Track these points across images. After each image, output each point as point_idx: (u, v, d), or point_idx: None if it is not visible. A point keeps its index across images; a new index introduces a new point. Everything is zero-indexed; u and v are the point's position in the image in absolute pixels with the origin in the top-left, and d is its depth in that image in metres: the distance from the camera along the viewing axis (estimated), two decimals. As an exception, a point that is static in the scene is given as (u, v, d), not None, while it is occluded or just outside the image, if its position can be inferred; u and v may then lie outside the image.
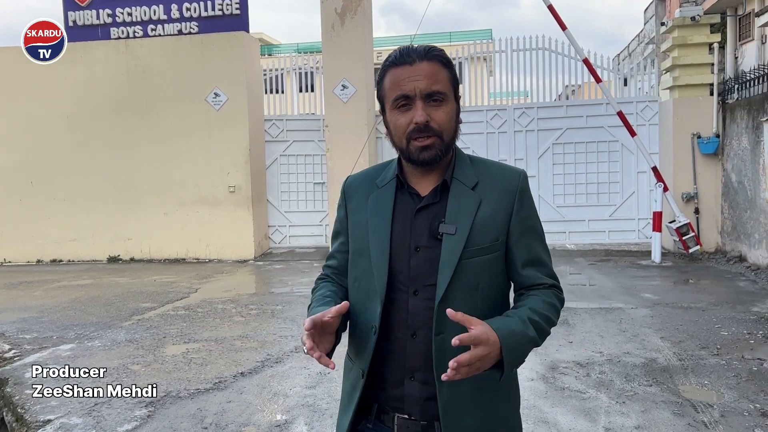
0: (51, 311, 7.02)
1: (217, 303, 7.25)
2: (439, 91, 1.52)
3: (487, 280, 1.54)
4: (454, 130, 1.58)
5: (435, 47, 1.58)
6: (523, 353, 1.47)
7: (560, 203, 10.77)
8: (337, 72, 10.34)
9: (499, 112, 10.86)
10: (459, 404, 1.51)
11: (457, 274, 1.49)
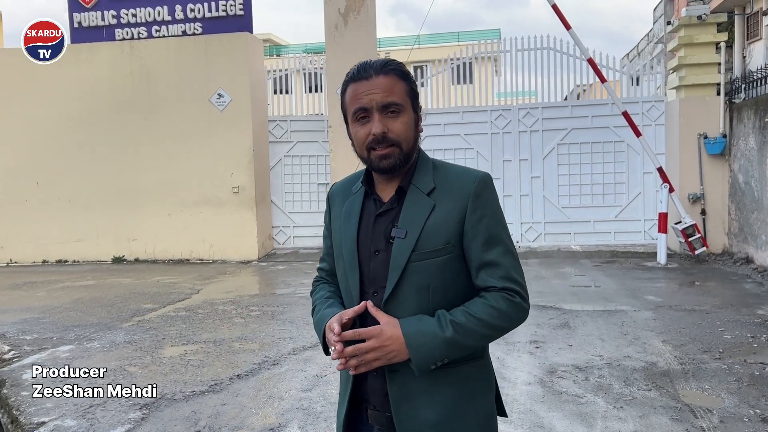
0: (53, 312, 7.04)
1: (218, 304, 7.24)
2: (394, 102, 1.60)
3: (440, 282, 1.58)
4: (413, 138, 1.65)
5: (392, 61, 1.65)
6: (434, 352, 1.51)
7: (565, 204, 10.69)
8: (340, 72, 10.30)
9: (504, 112, 10.80)
10: (411, 397, 1.57)
11: (407, 276, 1.57)
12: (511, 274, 1.59)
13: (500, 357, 4.86)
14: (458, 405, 1.58)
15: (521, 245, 10.77)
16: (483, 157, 10.83)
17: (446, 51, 11.95)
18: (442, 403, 1.57)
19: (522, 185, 10.75)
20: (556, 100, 10.87)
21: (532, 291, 6.30)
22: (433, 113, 11.04)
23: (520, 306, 1.59)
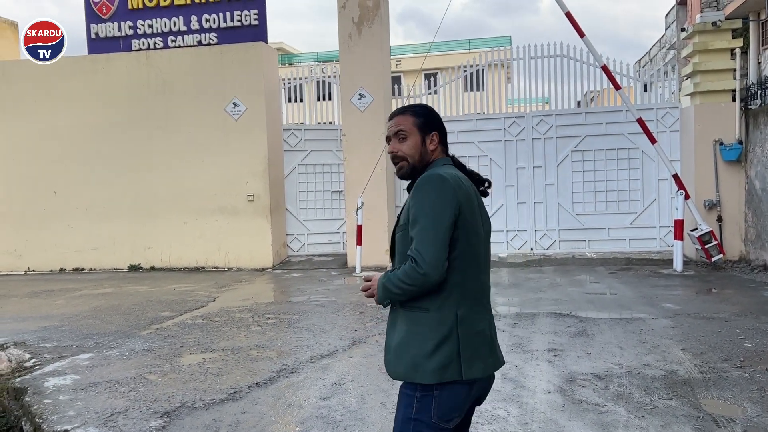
0: (72, 320, 7.11)
1: (235, 312, 7.28)
2: (402, 130, 2.26)
3: (404, 249, 2.14)
4: (419, 153, 2.25)
5: (410, 106, 2.33)
6: (381, 293, 2.13)
7: (580, 211, 10.66)
8: (354, 81, 10.38)
9: (517, 119, 10.81)
10: (390, 326, 2.22)
11: (395, 244, 2.23)
12: (417, 246, 2.04)
13: (518, 365, 4.85)
14: (406, 337, 2.11)
15: (536, 252, 10.75)
16: (496, 164, 10.83)
17: (457, 59, 11.99)
18: (399, 333, 2.14)
19: (536, 192, 10.74)
20: (569, 106, 10.86)
21: (548, 299, 6.31)
22: (445, 121, 10.99)
23: (414, 269, 2.03)
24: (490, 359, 2.14)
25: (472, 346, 2.06)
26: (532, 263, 10.14)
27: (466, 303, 2.08)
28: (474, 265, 2.10)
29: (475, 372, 2.05)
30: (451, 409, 2.03)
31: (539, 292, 7.91)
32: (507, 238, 10.84)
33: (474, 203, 2.13)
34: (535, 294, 7.78)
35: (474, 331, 2.08)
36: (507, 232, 10.84)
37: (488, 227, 2.23)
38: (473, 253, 2.10)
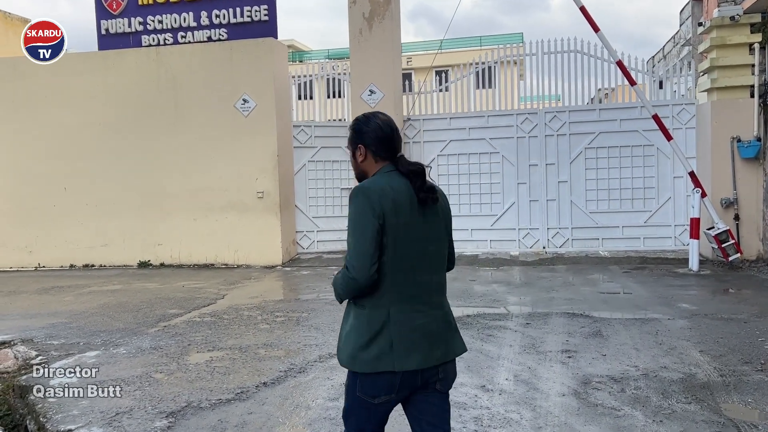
0: (79, 317, 7.07)
1: (243, 310, 7.21)
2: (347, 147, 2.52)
3: None
4: (355, 168, 2.46)
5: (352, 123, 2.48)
6: (335, 293, 2.39)
7: (593, 209, 10.50)
8: (364, 77, 10.28)
9: (530, 116, 10.66)
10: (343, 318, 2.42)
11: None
12: (348, 254, 2.28)
13: (532, 367, 4.73)
14: (350, 329, 2.32)
15: (548, 251, 10.60)
16: (509, 161, 10.70)
17: (469, 55, 11.89)
18: (347, 325, 2.36)
19: (549, 190, 10.59)
20: (583, 103, 10.70)
21: (561, 298, 6.17)
22: (457, 117, 10.95)
23: (345, 275, 2.27)
24: (436, 351, 2.29)
25: (408, 340, 2.24)
26: (545, 262, 10.00)
27: (401, 302, 2.26)
28: (407, 267, 2.26)
29: (411, 363, 2.24)
30: (370, 387, 2.28)
31: (552, 291, 7.77)
32: (519, 237, 10.71)
33: (404, 209, 2.24)
34: (548, 293, 7.65)
35: (411, 326, 2.25)
36: (519, 230, 10.70)
37: (436, 230, 2.34)
38: (404, 256, 2.25)
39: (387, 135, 2.36)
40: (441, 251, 2.37)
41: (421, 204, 2.27)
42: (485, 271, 9.43)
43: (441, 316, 2.34)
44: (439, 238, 2.35)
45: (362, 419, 2.36)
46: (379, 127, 2.36)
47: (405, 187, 2.28)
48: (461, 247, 10.90)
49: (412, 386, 2.30)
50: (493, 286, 8.22)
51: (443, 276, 2.42)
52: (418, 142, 11.01)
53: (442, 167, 10.94)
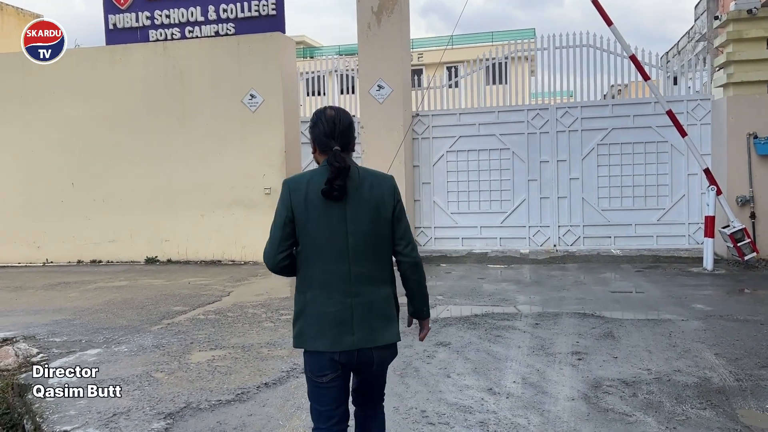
0: (84, 314, 7.01)
1: (248, 307, 7.12)
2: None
3: None
4: (315, 160, 2.56)
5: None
6: None
7: (605, 206, 10.31)
8: (373, 72, 10.14)
9: (541, 111, 10.48)
10: None
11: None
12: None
13: (540, 369, 4.60)
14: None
15: (558, 249, 10.43)
16: (519, 157, 10.53)
17: (480, 51, 11.69)
18: None
19: (560, 187, 10.41)
20: (595, 99, 10.50)
21: (571, 297, 6.03)
22: (467, 113, 10.79)
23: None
24: (348, 337, 2.38)
25: (317, 324, 2.39)
26: (555, 260, 9.84)
27: (314, 288, 2.41)
28: (320, 257, 2.39)
29: (319, 345, 2.39)
30: (317, 367, 2.43)
31: (562, 290, 7.62)
32: (529, 234, 10.54)
33: (316, 202, 2.36)
34: (558, 292, 7.50)
35: (321, 312, 2.39)
36: (529, 228, 10.54)
37: (358, 222, 2.39)
38: (316, 247, 2.38)
39: (324, 131, 2.44)
40: (367, 243, 2.41)
41: (325, 196, 2.35)
42: (494, 270, 9.28)
43: (361, 304, 2.40)
44: (363, 231, 2.40)
45: (316, 399, 2.50)
46: (321, 122, 2.45)
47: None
48: (470, 245, 10.78)
49: (350, 367, 2.46)
50: (502, 285, 8.08)
51: (370, 266, 2.43)
52: (426, 138, 10.87)
53: (451, 163, 10.79)
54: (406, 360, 4.93)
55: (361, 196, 2.40)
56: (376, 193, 2.42)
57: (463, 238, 10.78)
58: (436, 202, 10.86)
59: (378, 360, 2.46)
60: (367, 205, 2.40)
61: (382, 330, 2.44)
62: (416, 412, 3.90)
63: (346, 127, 2.47)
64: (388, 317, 2.47)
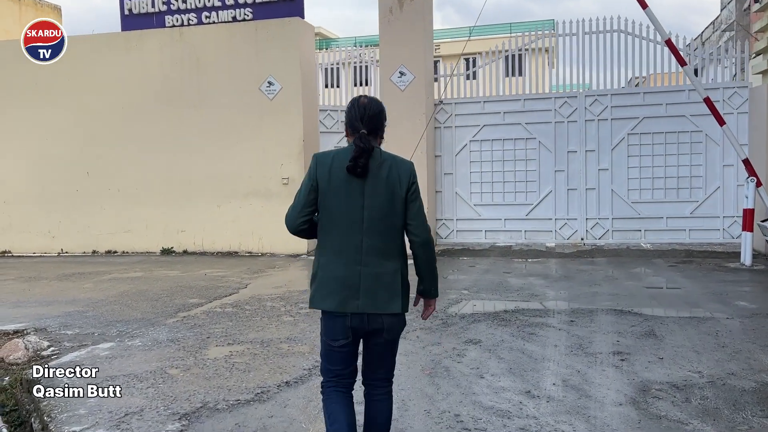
0: (97, 305, 6.79)
1: (267, 300, 6.86)
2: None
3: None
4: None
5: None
6: None
7: (635, 199, 9.92)
8: (394, 58, 9.81)
9: (569, 99, 10.09)
10: None
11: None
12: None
13: (581, 370, 4.27)
14: None
15: (586, 242, 10.06)
16: (546, 147, 10.16)
17: (498, 42, 11.24)
18: None
19: (588, 178, 10.03)
20: (619, 86, 10.07)
21: (604, 293, 5.68)
22: (491, 101, 10.43)
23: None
24: (354, 301, 2.57)
25: (327, 286, 2.59)
26: (583, 254, 9.47)
27: (329, 254, 2.62)
28: (336, 226, 2.60)
29: (327, 305, 2.60)
30: (331, 332, 2.63)
31: (594, 285, 7.27)
32: (555, 227, 10.18)
33: (338, 177, 2.58)
34: (590, 287, 7.15)
35: (332, 276, 2.59)
36: (555, 221, 10.17)
37: (375, 199, 2.59)
38: (331, 217, 2.60)
39: (355, 115, 2.68)
40: (380, 218, 2.59)
41: (349, 172, 2.56)
42: (520, 263, 8.94)
43: (369, 274, 2.59)
44: (378, 207, 2.59)
45: (327, 358, 2.72)
46: (353, 108, 2.71)
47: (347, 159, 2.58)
48: (493, 238, 10.44)
49: (362, 332, 2.63)
50: (529, 280, 7.75)
51: (381, 240, 2.61)
52: (449, 126, 10.53)
53: (475, 153, 10.45)
54: (435, 358, 4.63)
55: (380, 175, 2.60)
56: (393, 174, 2.62)
57: (486, 231, 10.44)
58: (458, 194, 10.53)
59: (387, 326, 2.63)
60: (384, 184, 2.59)
61: (385, 300, 2.61)
62: (450, 417, 3.60)
63: (375, 114, 2.69)
64: (394, 289, 2.63)
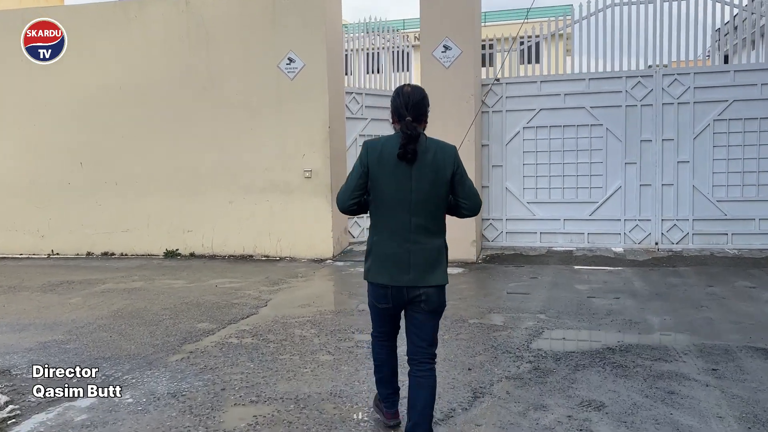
0: (82, 332, 5.40)
1: (294, 326, 5.46)
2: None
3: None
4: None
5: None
6: None
7: (721, 196, 8.44)
8: (437, 30, 8.33)
9: (643, 79, 8.59)
10: None
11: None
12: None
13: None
14: None
15: (660, 247, 8.59)
16: (614, 135, 8.68)
17: (515, 29, 9.74)
18: None
19: (664, 172, 8.56)
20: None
21: (721, 320, 3.63)
22: (549, 80, 8.94)
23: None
24: (404, 275, 2.87)
25: (379, 261, 2.93)
26: (661, 262, 8.02)
27: (380, 232, 2.93)
28: (385, 207, 2.89)
29: (380, 279, 2.92)
30: (374, 296, 3.02)
31: (700, 308, 5.82)
32: (624, 229, 8.70)
33: (388, 162, 2.84)
34: (697, 311, 5.71)
35: (383, 253, 2.91)
36: (625, 222, 8.70)
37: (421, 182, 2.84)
38: (384, 198, 2.88)
39: (398, 104, 2.90)
40: (427, 200, 2.86)
41: (399, 159, 2.81)
42: (590, 274, 7.50)
43: (418, 250, 2.87)
44: (425, 190, 2.84)
45: (375, 320, 3.18)
46: (397, 96, 2.93)
47: (398, 146, 2.83)
48: (550, 241, 8.99)
49: (402, 299, 2.92)
50: (613, 297, 6.31)
51: (428, 220, 2.88)
52: (499, 111, 9.05)
53: (529, 142, 8.97)
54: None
55: (426, 160, 2.84)
56: (438, 159, 2.85)
57: (541, 233, 8.98)
58: (508, 189, 9.07)
59: (426, 297, 2.88)
60: (429, 168, 2.83)
61: (431, 273, 2.87)
62: None
63: (418, 101, 2.92)
64: (439, 264, 2.90)
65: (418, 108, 2.89)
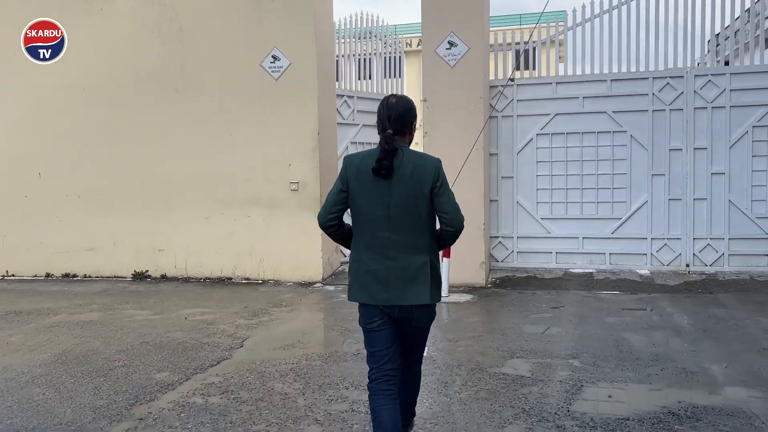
0: (10, 387, 4.35)
1: (274, 377, 4.45)
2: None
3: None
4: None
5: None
6: None
7: (761, 212, 7.51)
8: (441, 24, 7.38)
9: (672, 80, 7.65)
10: None
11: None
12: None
13: None
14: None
15: (692, 269, 7.65)
16: (639, 143, 7.74)
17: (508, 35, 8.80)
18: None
19: (696, 185, 7.63)
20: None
21: None
22: (566, 82, 8.00)
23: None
24: (383, 293, 2.77)
25: (359, 279, 2.83)
26: (695, 287, 7.07)
27: (361, 250, 2.84)
28: (364, 222, 2.81)
29: (360, 297, 2.83)
30: (366, 316, 2.85)
31: (762, 350, 4.86)
32: (651, 249, 7.74)
33: (365, 177, 2.75)
34: (761, 355, 4.75)
35: (365, 269, 2.81)
36: (652, 241, 7.74)
37: (399, 197, 2.74)
38: (361, 214, 2.82)
39: (381, 116, 2.84)
40: (405, 215, 2.76)
41: (373, 173, 2.73)
42: (617, 302, 6.53)
43: (397, 267, 2.77)
44: (403, 205, 2.75)
45: (368, 343, 2.89)
46: (382, 108, 2.85)
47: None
48: (566, 261, 8.03)
49: (392, 318, 2.82)
50: (654, 335, 5.34)
51: (408, 236, 2.77)
52: (509, 116, 8.09)
53: (543, 151, 8.01)
54: None
55: (404, 174, 2.74)
56: (418, 173, 2.75)
57: (557, 253, 8.01)
58: (520, 203, 8.09)
59: (416, 316, 2.82)
60: (409, 182, 2.74)
61: (413, 291, 2.76)
62: None
63: (401, 113, 2.82)
64: (422, 282, 2.78)
65: (401, 120, 2.82)
